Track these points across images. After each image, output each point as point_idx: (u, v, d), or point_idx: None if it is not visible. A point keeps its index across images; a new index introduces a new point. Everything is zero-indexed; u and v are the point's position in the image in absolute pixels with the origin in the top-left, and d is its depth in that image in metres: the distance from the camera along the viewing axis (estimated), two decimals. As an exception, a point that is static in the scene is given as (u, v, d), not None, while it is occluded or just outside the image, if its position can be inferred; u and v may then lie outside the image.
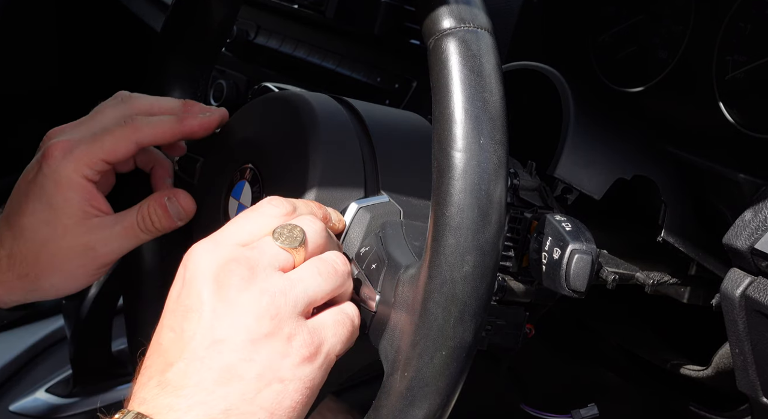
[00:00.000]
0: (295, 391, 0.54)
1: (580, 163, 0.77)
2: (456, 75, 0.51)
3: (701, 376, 0.82)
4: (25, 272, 0.71)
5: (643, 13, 0.93)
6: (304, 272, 0.57)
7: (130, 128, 0.71)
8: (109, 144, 0.70)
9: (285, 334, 0.54)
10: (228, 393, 0.53)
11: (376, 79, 1.18)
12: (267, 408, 0.53)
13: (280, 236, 0.57)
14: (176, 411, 0.52)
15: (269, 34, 1.31)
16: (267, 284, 0.55)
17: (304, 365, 0.54)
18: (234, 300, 0.54)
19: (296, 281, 0.56)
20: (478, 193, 0.50)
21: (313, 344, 0.55)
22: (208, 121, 0.73)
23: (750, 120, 0.82)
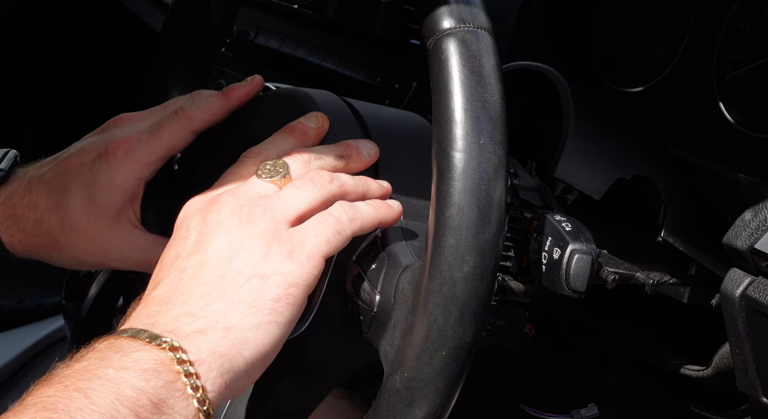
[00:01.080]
0: (276, 285, 0.55)
1: (580, 163, 0.77)
2: (456, 75, 0.51)
3: (701, 376, 0.82)
4: (45, 242, 0.72)
5: (643, 13, 0.93)
6: (284, 191, 0.59)
7: (183, 118, 0.72)
8: (167, 139, 0.72)
9: (264, 236, 0.56)
10: (208, 292, 0.55)
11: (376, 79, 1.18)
12: (247, 301, 0.55)
13: (264, 170, 0.60)
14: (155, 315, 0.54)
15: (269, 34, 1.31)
16: (247, 200, 0.58)
17: (283, 261, 0.56)
18: (215, 219, 0.58)
19: (276, 198, 0.58)
20: (478, 193, 0.50)
21: (292, 242, 0.56)
22: (251, 86, 0.74)
23: (750, 120, 0.82)
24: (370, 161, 0.65)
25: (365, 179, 0.63)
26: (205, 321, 0.53)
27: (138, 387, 0.49)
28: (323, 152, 0.63)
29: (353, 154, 0.64)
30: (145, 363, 0.50)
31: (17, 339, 1.30)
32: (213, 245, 0.57)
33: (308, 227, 0.58)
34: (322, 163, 0.62)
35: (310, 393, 0.69)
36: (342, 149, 0.64)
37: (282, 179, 0.60)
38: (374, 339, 0.58)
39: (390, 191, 0.64)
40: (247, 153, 0.64)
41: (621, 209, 0.83)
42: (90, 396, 0.48)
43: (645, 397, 1.07)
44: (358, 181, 0.62)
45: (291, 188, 0.59)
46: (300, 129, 0.66)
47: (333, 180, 0.60)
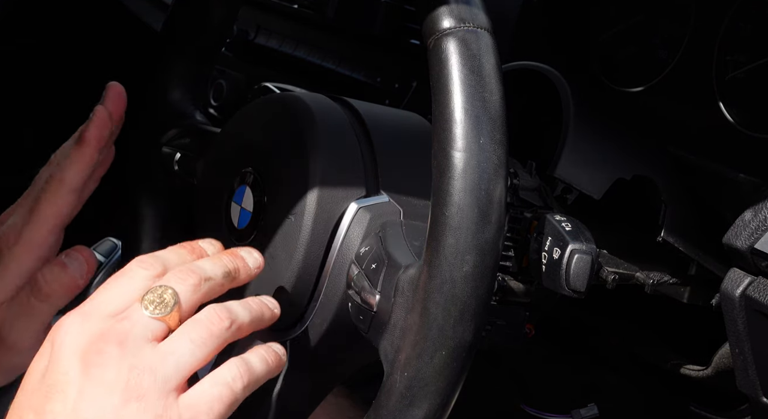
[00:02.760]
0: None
1: (580, 163, 0.77)
2: (456, 75, 0.51)
3: (701, 376, 0.82)
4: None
5: (643, 13, 0.93)
6: (175, 343, 0.53)
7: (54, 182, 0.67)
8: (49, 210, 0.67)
9: (152, 416, 0.51)
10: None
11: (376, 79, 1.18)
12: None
13: (151, 303, 0.54)
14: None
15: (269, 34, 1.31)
16: (136, 360, 0.52)
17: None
18: (101, 380, 0.51)
19: (167, 355, 0.53)
20: (477, 193, 0.50)
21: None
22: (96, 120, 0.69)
23: (750, 120, 0.82)
24: (256, 272, 0.61)
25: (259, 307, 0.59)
26: None
27: None
28: (211, 270, 0.58)
29: (241, 268, 0.60)
30: None
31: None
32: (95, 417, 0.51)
33: (202, 400, 0.53)
34: (211, 285, 0.57)
35: (310, 392, 0.69)
36: (229, 263, 0.59)
37: (170, 315, 0.54)
38: (374, 338, 0.58)
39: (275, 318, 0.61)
40: (139, 262, 0.57)
41: (621, 209, 0.83)
42: None
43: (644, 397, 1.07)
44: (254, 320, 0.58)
45: (185, 340, 0.53)
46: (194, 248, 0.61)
47: (231, 327, 0.55)
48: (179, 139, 0.83)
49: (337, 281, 0.63)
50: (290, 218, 0.64)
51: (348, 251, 0.63)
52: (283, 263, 0.64)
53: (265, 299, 0.61)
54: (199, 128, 0.83)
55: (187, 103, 0.85)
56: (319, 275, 0.64)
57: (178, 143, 0.82)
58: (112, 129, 0.71)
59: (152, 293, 0.54)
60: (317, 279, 0.64)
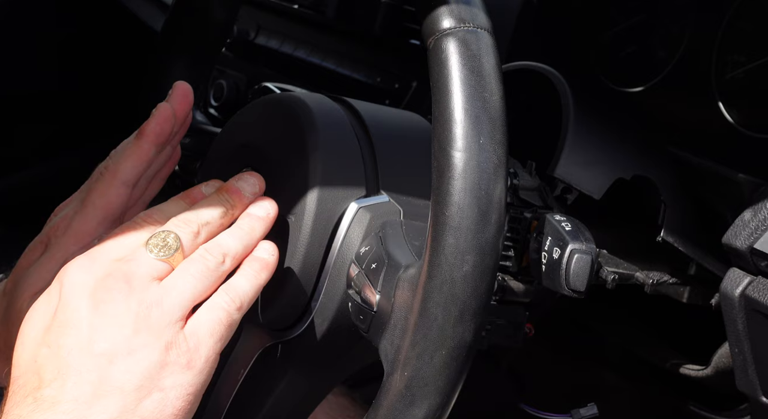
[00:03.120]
0: (177, 398, 0.55)
1: (580, 163, 0.77)
2: (456, 75, 0.51)
3: (701, 376, 0.82)
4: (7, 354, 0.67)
5: (643, 13, 0.93)
6: (177, 279, 0.57)
7: (107, 175, 0.69)
8: (99, 201, 0.69)
9: (162, 344, 0.55)
10: (108, 406, 0.53)
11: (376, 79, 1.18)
12: (148, 418, 0.54)
13: (155, 247, 0.58)
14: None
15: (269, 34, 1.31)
16: (143, 295, 0.56)
17: (183, 372, 0.55)
18: (111, 314, 0.55)
19: (170, 289, 0.56)
20: (477, 193, 0.50)
21: (190, 350, 0.56)
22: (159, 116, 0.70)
23: (750, 120, 0.82)
24: (254, 198, 0.64)
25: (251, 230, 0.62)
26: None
27: None
28: (208, 214, 0.62)
29: (236, 200, 0.64)
30: None
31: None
32: (109, 348, 0.54)
33: (202, 325, 0.57)
34: (209, 229, 0.61)
35: (310, 391, 0.69)
36: (224, 199, 0.63)
37: (173, 257, 0.58)
38: (374, 338, 0.59)
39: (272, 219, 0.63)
40: (144, 215, 0.61)
41: (621, 209, 0.83)
42: None
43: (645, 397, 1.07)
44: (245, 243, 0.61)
45: (186, 275, 0.57)
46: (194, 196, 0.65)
47: (225, 260, 0.59)
48: (179, 139, 0.83)
49: (337, 280, 0.63)
50: (290, 218, 0.65)
51: (348, 250, 0.63)
52: (283, 263, 0.64)
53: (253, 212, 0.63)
54: (199, 128, 0.83)
55: (188, 104, 0.85)
56: (320, 275, 0.64)
57: (178, 143, 0.82)
58: (175, 128, 0.72)
59: (156, 237, 0.58)
60: (317, 279, 0.64)
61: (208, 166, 0.77)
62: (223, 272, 0.59)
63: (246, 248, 0.61)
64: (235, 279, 0.60)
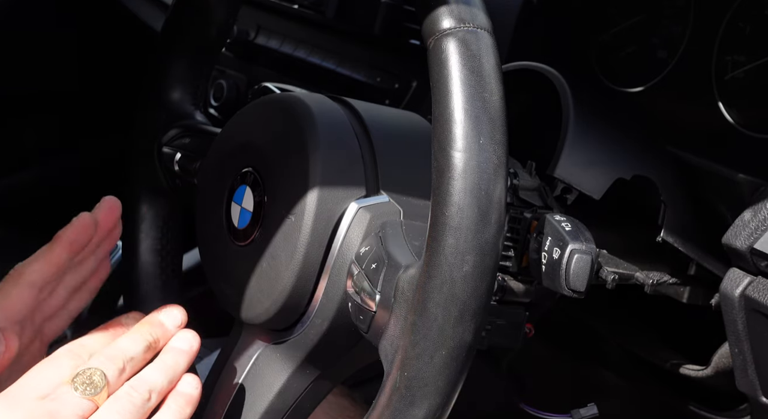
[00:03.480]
0: None
1: (580, 163, 0.77)
2: (456, 75, 0.51)
3: (701, 376, 0.82)
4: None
5: (643, 13, 0.93)
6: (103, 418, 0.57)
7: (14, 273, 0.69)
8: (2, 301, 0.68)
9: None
10: None
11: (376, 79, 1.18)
12: None
13: (81, 384, 0.57)
14: None
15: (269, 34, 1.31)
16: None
17: None
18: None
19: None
20: (477, 193, 0.50)
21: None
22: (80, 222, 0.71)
23: (750, 120, 0.82)
24: (176, 330, 0.65)
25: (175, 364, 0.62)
26: None
27: None
28: (133, 349, 0.62)
29: (160, 334, 0.64)
30: None
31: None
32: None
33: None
34: (134, 364, 0.61)
35: (310, 392, 0.69)
36: (147, 332, 0.63)
37: (99, 395, 0.57)
38: (374, 338, 0.59)
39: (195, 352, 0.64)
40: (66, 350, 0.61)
41: (621, 209, 0.83)
42: None
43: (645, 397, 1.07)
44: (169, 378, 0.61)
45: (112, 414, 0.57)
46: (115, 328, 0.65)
47: (151, 397, 0.59)
48: (179, 139, 0.83)
49: (337, 281, 0.63)
50: (290, 218, 0.64)
51: (348, 251, 0.63)
52: (283, 263, 0.64)
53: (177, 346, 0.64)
54: (199, 128, 0.83)
55: (187, 104, 0.85)
56: (319, 275, 0.64)
57: (178, 143, 0.82)
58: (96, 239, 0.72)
59: (82, 375, 0.58)
60: (317, 279, 0.64)
61: (208, 166, 0.77)
62: (149, 408, 0.59)
63: (171, 382, 0.62)
64: (160, 416, 0.60)
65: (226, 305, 0.72)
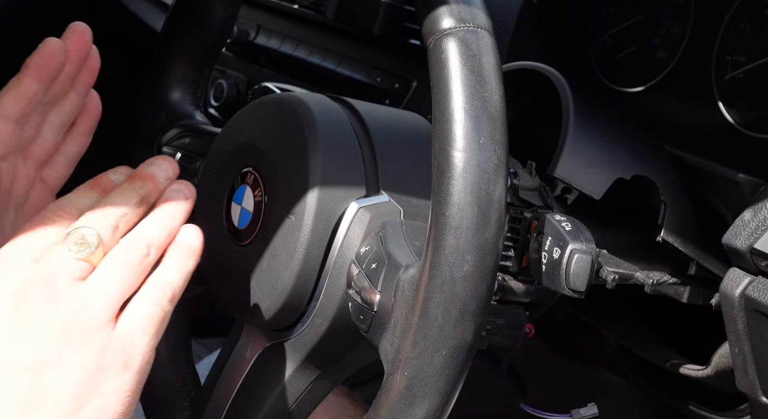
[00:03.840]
0: (116, 402, 0.52)
1: (580, 163, 0.77)
2: (456, 74, 0.51)
3: (701, 376, 0.82)
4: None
5: (643, 13, 0.93)
6: (102, 277, 0.54)
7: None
8: None
9: (95, 349, 0.52)
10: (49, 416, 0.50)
11: (376, 79, 1.18)
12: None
13: (74, 244, 0.54)
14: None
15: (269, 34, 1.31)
16: (68, 299, 0.52)
17: (121, 374, 0.53)
18: (36, 323, 0.51)
19: (95, 290, 0.53)
20: (478, 192, 0.50)
21: (126, 350, 0.53)
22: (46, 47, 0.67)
23: (749, 120, 0.82)
24: (168, 182, 0.62)
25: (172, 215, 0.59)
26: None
27: None
28: (124, 204, 0.58)
29: (150, 187, 0.61)
30: None
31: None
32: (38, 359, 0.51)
33: (134, 323, 0.54)
34: (127, 220, 0.57)
35: (311, 392, 0.69)
36: (138, 186, 0.60)
37: (94, 254, 0.54)
38: (374, 338, 0.59)
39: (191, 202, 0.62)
40: (55, 208, 0.57)
41: (621, 209, 0.83)
42: None
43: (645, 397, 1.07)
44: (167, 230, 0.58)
45: (110, 273, 0.54)
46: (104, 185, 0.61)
47: (149, 252, 0.56)
48: (179, 139, 0.83)
49: (337, 281, 0.63)
50: (290, 218, 0.64)
51: (348, 251, 0.63)
52: (283, 263, 0.64)
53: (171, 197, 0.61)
54: (199, 128, 0.83)
55: (187, 103, 0.85)
56: (320, 275, 0.64)
57: (178, 143, 0.82)
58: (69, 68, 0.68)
59: (74, 234, 0.54)
60: (317, 279, 0.64)
61: (208, 166, 0.77)
62: (148, 264, 0.56)
63: (169, 235, 0.58)
64: (162, 270, 0.57)
65: (226, 305, 0.72)
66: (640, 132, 0.85)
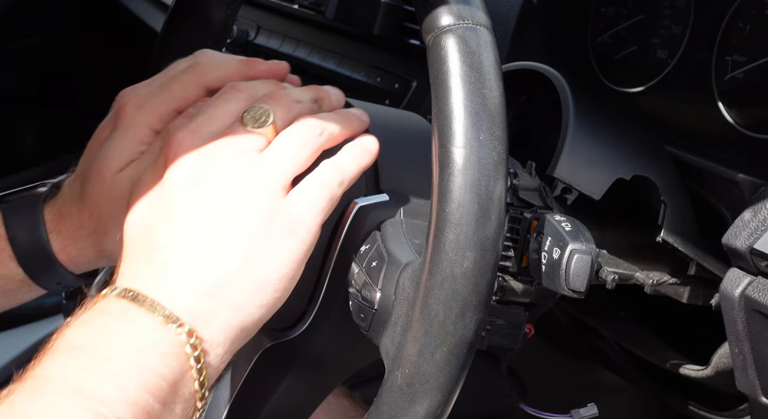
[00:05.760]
0: (280, 264, 0.56)
1: (580, 163, 0.77)
2: (455, 71, 0.51)
3: (701, 376, 0.82)
4: (93, 228, 0.70)
5: (643, 13, 0.93)
6: (278, 149, 0.58)
7: (196, 71, 0.70)
8: (179, 91, 0.69)
9: (266, 211, 0.56)
10: (215, 270, 0.55)
11: (376, 79, 1.18)
12: (254, 281, 0.56)
13: (251, 119, 0.59)
14: (165, 286, 0.54)
15: (269, 34, 1.31)
16: (246, 165, 0.57)
17: (286, 239, 0.56)
18: (216, 183, 0.56)
19: (271, 159, 0.58)
20: (478, 189, 0.50)
21: (293, 219, 0.57)
22: (276, 67, 0.72)
23: (749, 120, 0.82)
24: (338, 105, 0.66)
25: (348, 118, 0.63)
26: (215, 301, 0.55)
27: (159, 371, 0.51)
28: (299, 94, 0.63)
29: (325, 98, 0.65)
30: (163, 346, 0.52)
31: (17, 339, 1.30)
32: (215, 215, 0.56)
33: (304, 197, 0.58)
34: (300, 107, 0.62)
35: (311, 391, 0.69)
36: (315, 92, 0.65)
37: (268, 129, 0.59)
38: (375, 336, 0.59)
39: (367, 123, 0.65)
40: (234, 87, 0.63)
41: (621, 209, 0.83)
42: (117, 381, 0.50)
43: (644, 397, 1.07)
44: (343, 126, 0.62)
45: (284, 146, 0.59)
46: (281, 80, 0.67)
47: (323, 133, 0.60)
48: (179, 139, 0.83)
49: (338, 279, 0.63)
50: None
51: (348, 249, 0.63)
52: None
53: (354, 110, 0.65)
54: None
55: (188, 103, 0.85)
56: (320, 274, 0.64)
57: (179, 143, 0.82)
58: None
59: (250, 111, 0.60)
60: (318, 278, 0.64)
61: None
62: (321, 144, 0.60)
63: (343, 131, 0.62)
64: (339, 155, 0.61)
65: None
66: (640, 132, 0.85)
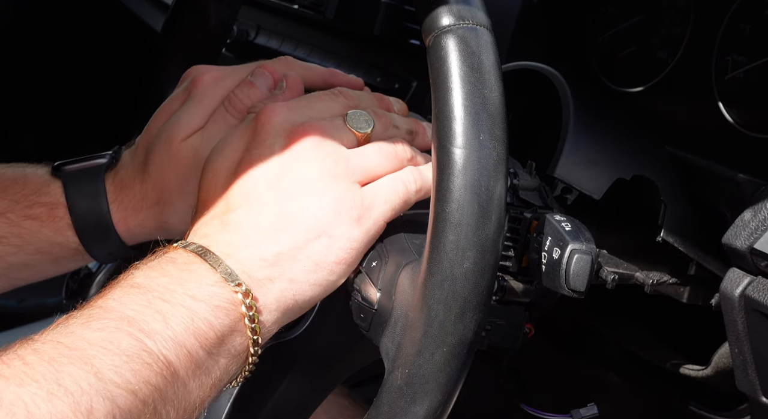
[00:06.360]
0: (341, 249, 0.58)
1: (580, 163, 0.77)
2: (455, 72, 0.51)
3: (701, 376, 0.82)
4: (156, 199, 0.71)
5: (643, 13, 0.93)
6: (367, 150, 0.61)
7: (283, 62, 0.72)
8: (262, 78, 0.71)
9: (340, 194, 0.58)
10: (281, 239, 0.57)
11: (376, 79, 1.18)
12: (313, 259, 0.58)
13: (351, 119, 0.63)
14: (232, 247, 0.57)
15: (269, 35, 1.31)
16: (334, 148, 0.60)
17: (352, 225, 0.58)
18: (302, 156, 0.59)
19: (359, 154, 0.61)
20: (478, 189, 0.50)
21: (363, 208, 0.59)
22: (355, 81, 0.74)
23: (749, 120, 0.82)
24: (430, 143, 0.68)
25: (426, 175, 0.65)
26: (275, 270, 0.57)
27: (208, 320, 0.53)
28: (400, 122, 0.66)
29: (420, 132, 0.67)
30: (218, 300, 0.54)
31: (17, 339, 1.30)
32: (293, 186, 0.58)
33: (379, 191, 0.60)
34: (397, 132, 0.65)
35: (312, 391, 0.69)
36: (413, 124, 0.67)
37: (364, 134, 0.62)
38: (375, 336, 0.59)
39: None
40: (345, 92, 0.66)
41: (621, 209, 0.83)
42: (168, 321, 0.52)
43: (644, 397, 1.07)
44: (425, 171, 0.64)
45: (374, 149, 0.61)
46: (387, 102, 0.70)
47: (413, 157, 0.63)
48: (179, 139, 0.83)
49: None
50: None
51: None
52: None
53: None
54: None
55: (188, 103, 0.85)
56: (320, 274, 0.64)
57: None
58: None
59: (356, 113, 0.63)
60: None
61: None
62: (403, 165, 0.62)
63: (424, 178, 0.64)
64: (424, 166, 0.64)
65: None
66: (640, 132, 0.85)
